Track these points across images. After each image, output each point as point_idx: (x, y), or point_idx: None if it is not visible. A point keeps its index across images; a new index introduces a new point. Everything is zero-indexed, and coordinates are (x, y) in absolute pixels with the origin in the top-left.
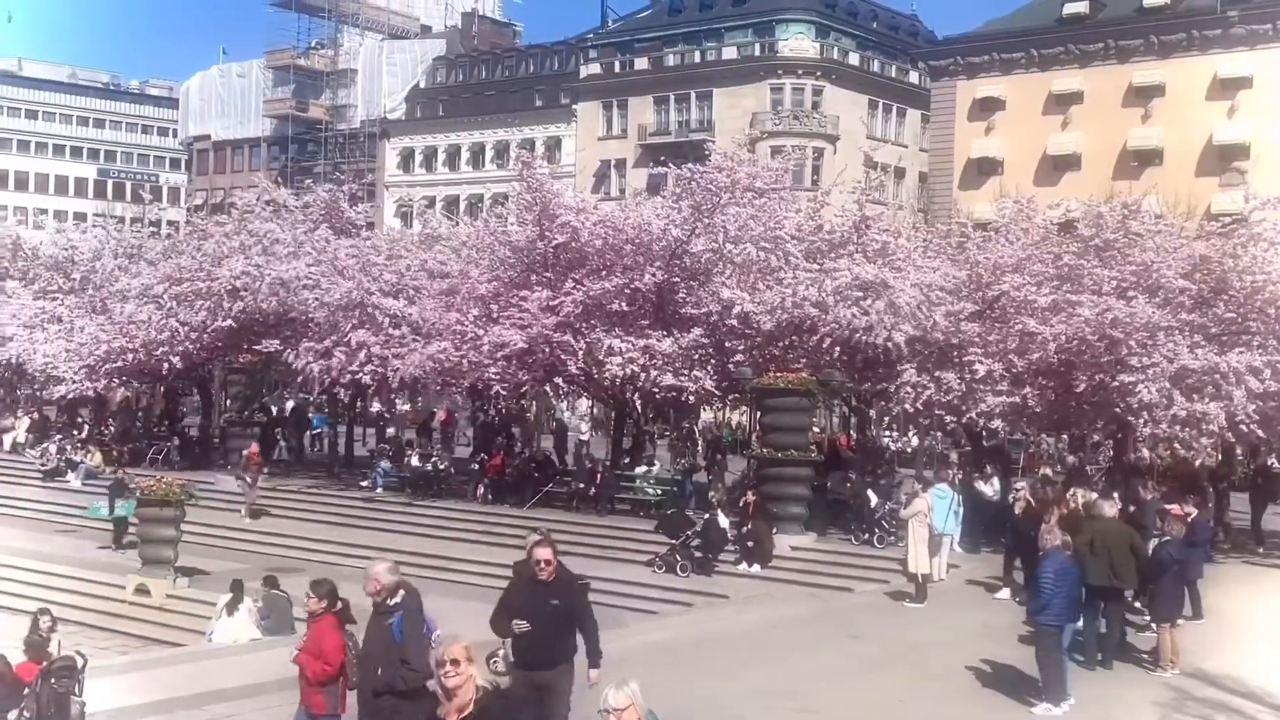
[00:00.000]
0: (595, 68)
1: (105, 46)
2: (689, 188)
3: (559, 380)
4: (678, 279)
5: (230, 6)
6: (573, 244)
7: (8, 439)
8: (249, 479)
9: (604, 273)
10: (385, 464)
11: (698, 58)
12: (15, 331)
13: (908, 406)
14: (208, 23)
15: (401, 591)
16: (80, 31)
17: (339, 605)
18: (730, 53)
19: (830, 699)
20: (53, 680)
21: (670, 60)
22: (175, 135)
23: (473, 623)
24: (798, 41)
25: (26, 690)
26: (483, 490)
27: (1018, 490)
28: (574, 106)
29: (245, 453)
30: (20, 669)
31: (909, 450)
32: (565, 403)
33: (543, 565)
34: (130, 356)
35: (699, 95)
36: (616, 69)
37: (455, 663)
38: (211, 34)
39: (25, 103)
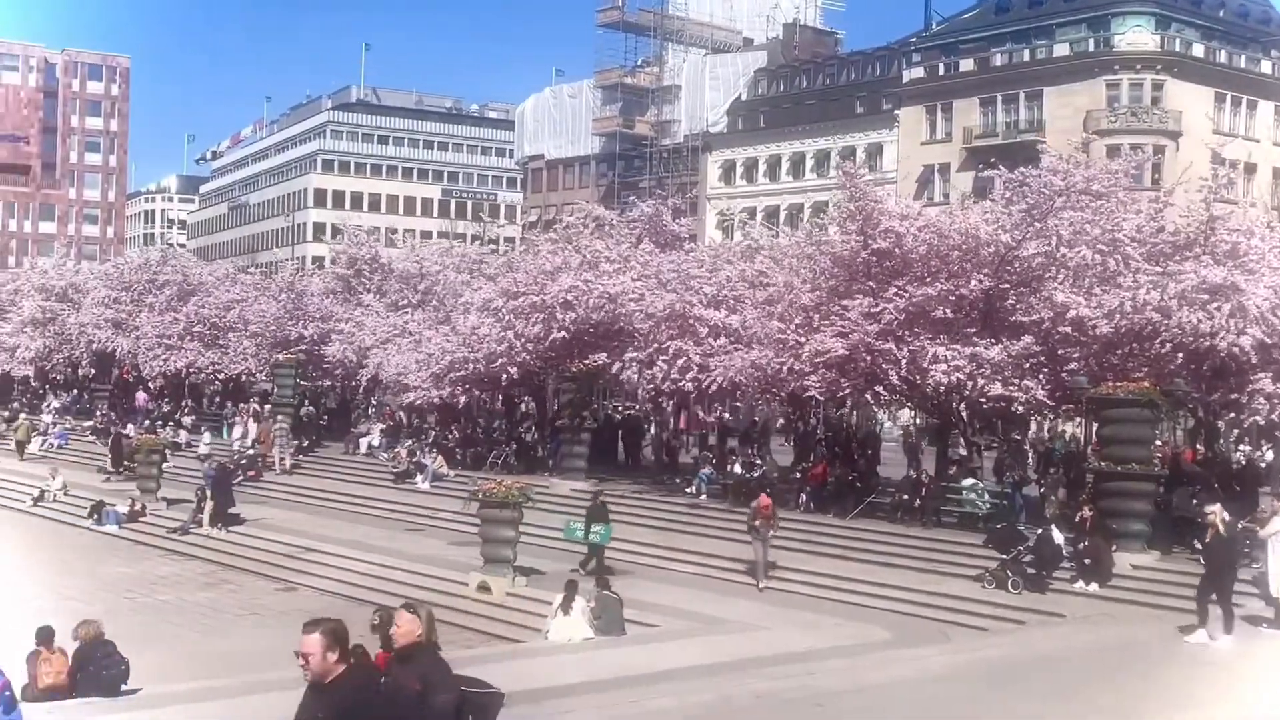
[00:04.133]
0: (918, 71)
1: (449, 72)
2: (1020, 191)
3: (879, 389)
4: (1006, 285)
5: (563, 29)
6: (895, 251)
7: (364, 443)
8: (761, 534)
9: (928, 279)
10: (708, 471)
11: (1027, 56)
12: (373, 344)
13: (1259, 419)
14: (542, 46)
15: None
16: (426, 59)
17: None
18: (1062, 49)
19: None
20: None
21: (997, 60)
22: (511, 156)
23: (795, 632)
24: (1135, 35)
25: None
26: (804, 499)
27: (1208, 514)
28: (896, 112)
29: (754, 505)
30: (379, 658)
31: (1263, 465)
32: (885, 412)
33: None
34: (472, 366)
35: (1028, 95)
36: (940, 72)
37: None
38: (545, 57)
39: (378, 129)
